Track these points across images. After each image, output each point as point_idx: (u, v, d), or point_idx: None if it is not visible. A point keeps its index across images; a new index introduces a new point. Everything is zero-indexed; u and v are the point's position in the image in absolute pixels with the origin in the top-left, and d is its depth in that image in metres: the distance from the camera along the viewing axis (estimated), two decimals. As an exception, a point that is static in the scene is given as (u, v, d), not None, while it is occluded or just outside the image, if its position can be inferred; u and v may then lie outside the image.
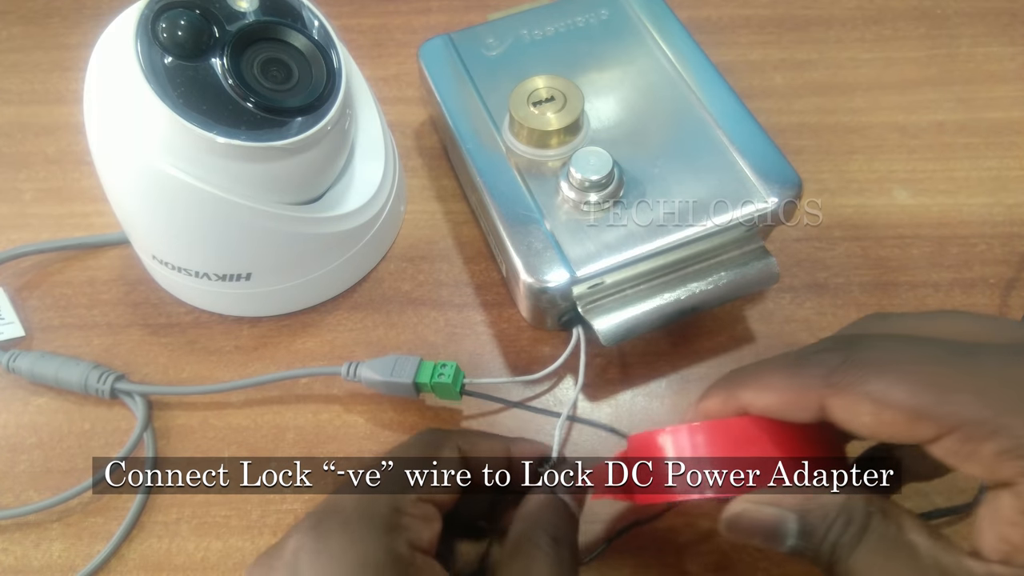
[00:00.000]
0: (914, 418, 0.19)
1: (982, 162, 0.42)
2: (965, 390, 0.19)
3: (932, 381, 0.19)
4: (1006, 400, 0.18)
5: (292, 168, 0.33)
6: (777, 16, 0.49)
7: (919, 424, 0.19)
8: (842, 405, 0.20)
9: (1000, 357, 0.19)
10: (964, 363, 0.19)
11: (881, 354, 0.20)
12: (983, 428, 0.18)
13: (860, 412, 0.20)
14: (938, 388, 0.19)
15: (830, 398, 0.20)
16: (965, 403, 0.18)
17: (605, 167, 0.34)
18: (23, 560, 0.33)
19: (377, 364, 0.34)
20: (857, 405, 0.20)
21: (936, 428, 0.19)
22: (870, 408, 0.20)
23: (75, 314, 0.39)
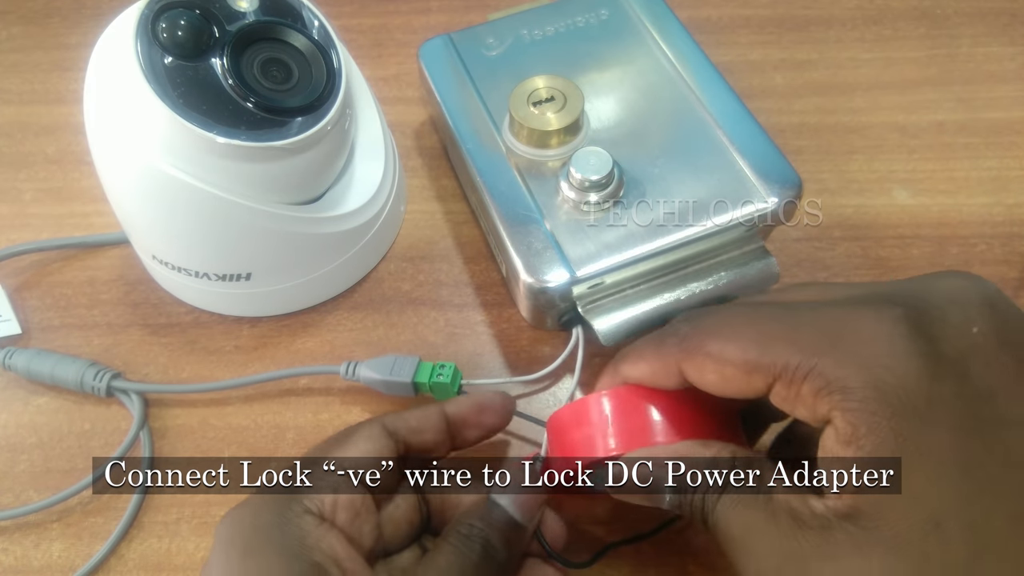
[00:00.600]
0: (747, 371, 0.21)
1: (982, 162, 0.42)
2: (783, 340, 0.21)
3: (757, 337, 0.21)
4: (816, 344, 0.20)
5: (292, 168, 0.33)
6: (777, 16, 0.49)
7: (752, 376, 0.21)
8: (692, 367, 0.22)
9: (813, 310, 0.21)
10: (785, 317, 0.21)
11: (719, 319, 0.23)
12: (799, 371, 0.20)
13: (706, 371, 0.22)
14: (762, 342, 0.21)
15: (683, 363, 0.23)
16: (782, 351, 0.20)
17: (605, 167, 0.34)
18: (23, 560, 0.33)
19: (376, 364, 0.34)
20: (703, 365, 0.22)
21: (764, 377, 0.21)
22: (712, 366, 0.22)
23: (75, 314, 0.39)
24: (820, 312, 0.21)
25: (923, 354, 0.19)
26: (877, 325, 0.20)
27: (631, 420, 0.25)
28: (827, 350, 0.20)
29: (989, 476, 0.18)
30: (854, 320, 0.20)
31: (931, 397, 0.18)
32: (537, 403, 0.36)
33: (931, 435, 0.18)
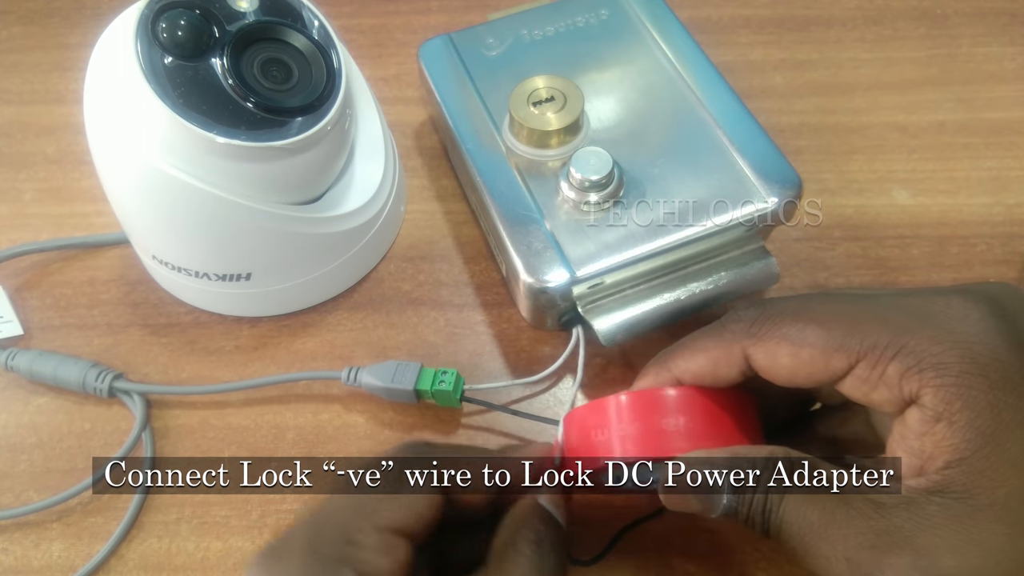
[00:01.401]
0: (828, 351, 0.21)
1: (982, 162, 0.42)
2: (869, 320, 0.20)
3: (840, 318, 0.21)
4: (904, 325, 0.20)
5: (292, 168, 0.33)
6: (777, 16, 0.49)
7: (833, 357, 0.21)
8: (763, 351, 0.22)
9: (895, 294, 0.21)
10: (866, 302, 0.21)
11: (793, 304, 0.22)
12: (888, 351, 0.20)
13: (780, 354, 0.22)
14: (846, 323, 0.21)
15: (752, 347, 0.22)
16: (870, 331, 0.20)
17: (605, 167, 0.34)
18: (23, 560, 0.33)
19: (377, 369, 0.34)
20: (777, 348, 0.22)
21: (847, 358, 0.20)
22: (788, 349, 0.21)
23: (75, 314, 0.39)
24: (903, 298, 0.21)
25: (1013, 332, 0.19)
26: (965, 307, 0.20)
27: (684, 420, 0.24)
28: (918, 329, 0.20)
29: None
30: (942, 303, 0.20)
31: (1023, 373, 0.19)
32: (538, 404, 0.36)
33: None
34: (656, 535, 0.31)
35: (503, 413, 0.35)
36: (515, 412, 0.35)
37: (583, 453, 0.26)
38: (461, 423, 0.35)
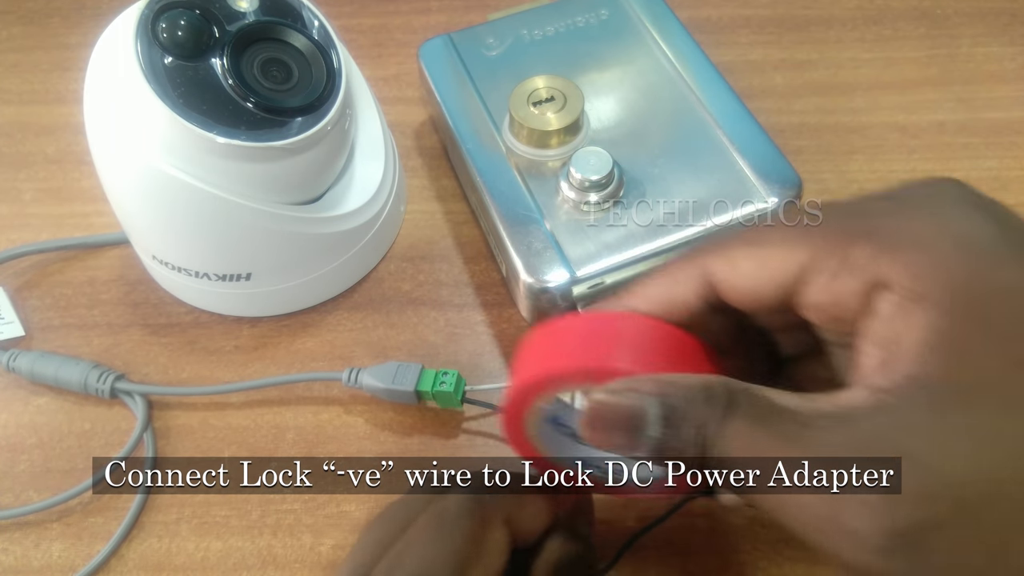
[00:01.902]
0: (789, 245, 0.19)
1: (982, 162, 0.42)
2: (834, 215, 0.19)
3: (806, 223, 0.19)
4: (871, 208, 0.18)
5: (292, 168, 0.33)
6: (777, 16, 0.49)
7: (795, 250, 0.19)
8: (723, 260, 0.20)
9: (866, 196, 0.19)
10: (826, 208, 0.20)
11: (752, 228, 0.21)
12: (855, 234, 0.18)
13: (739, 259, 0.20)
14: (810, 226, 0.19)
15: (712, 260, 0.20)
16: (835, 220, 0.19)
17: (605, 167, 0.34)
18: (23, 560, 0.33)
19: (378, 371, 0.34)
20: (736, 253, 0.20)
21: (810, 248, 0.18)
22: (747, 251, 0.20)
23: (75, 314, 0.39)
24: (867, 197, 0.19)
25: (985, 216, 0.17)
26: (931, 191, 0.18)
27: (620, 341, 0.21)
28: (891, 212, 0.18)
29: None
30: (904, 193, 0.18)
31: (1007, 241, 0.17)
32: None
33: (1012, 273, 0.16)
34: (655, 534, 0.31)
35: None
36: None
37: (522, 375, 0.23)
38: (462, 426, 0.35)
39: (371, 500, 0.33)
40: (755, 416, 0.17)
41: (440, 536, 0.22)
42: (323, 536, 0.32)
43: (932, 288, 0.16)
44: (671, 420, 0.18)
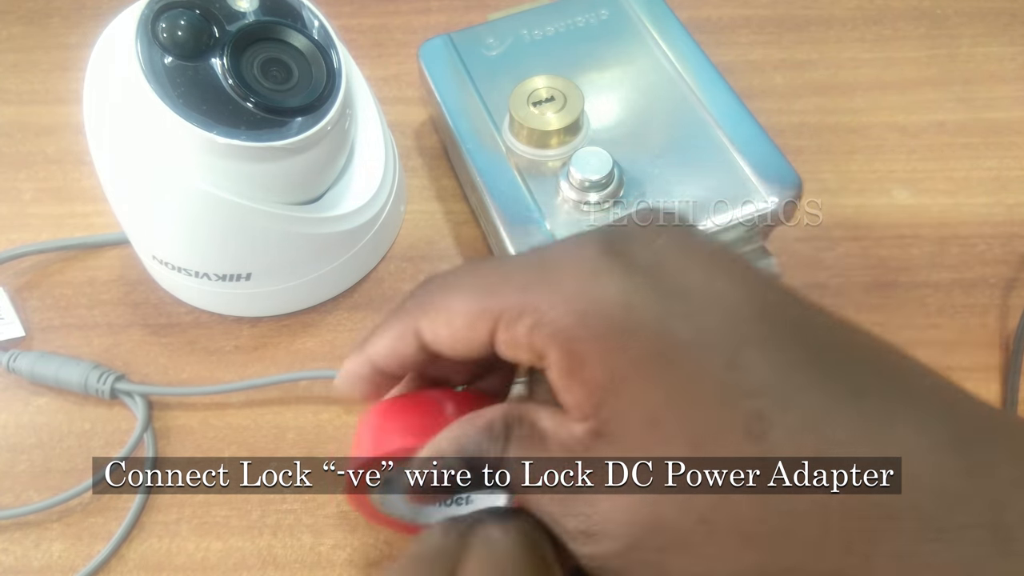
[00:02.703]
0: (472, 318, 0.21)
1: (982, 162, 0.42)
2: (501, 283, 0.20)
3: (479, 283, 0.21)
4: (527, 281, 0.20)
5: (292, 168, 0.33)
6: (777, 16, 0.49)
7: (478, 323, 0.20)
8: (427, 323, 0.22)
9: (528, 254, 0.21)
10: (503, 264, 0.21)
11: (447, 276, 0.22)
12: (514, 311, 0.20)
13: (438, 326, 0.21)
14: (482, 287, 0.21)
15: (419, 321, 0.22)
16: (504, 293, 0.20)
17: (605, 167, 0.34)
18: (23, 560, 0.33)
19: None
20: (436, 320, 0.21)
21: (488, 323, 0.20)
22: (444, 319, 0.21)
23: (75, 314, 0.39)
24: (532, 253, 0.21)
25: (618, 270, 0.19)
26: (577, 251, 0.20)
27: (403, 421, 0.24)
28: (536, 285, 0.20)
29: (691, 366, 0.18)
30: (557, 253, 0.20)
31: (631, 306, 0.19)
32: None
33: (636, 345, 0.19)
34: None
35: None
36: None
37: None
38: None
39: (371, 500, 0.33)
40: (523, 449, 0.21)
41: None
42: (323, 536, 0.32)
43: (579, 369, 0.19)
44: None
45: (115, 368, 0.37)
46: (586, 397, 0.19)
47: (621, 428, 0.19)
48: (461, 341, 0.21)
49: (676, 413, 0.18)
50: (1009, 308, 0.38)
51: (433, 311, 0.22)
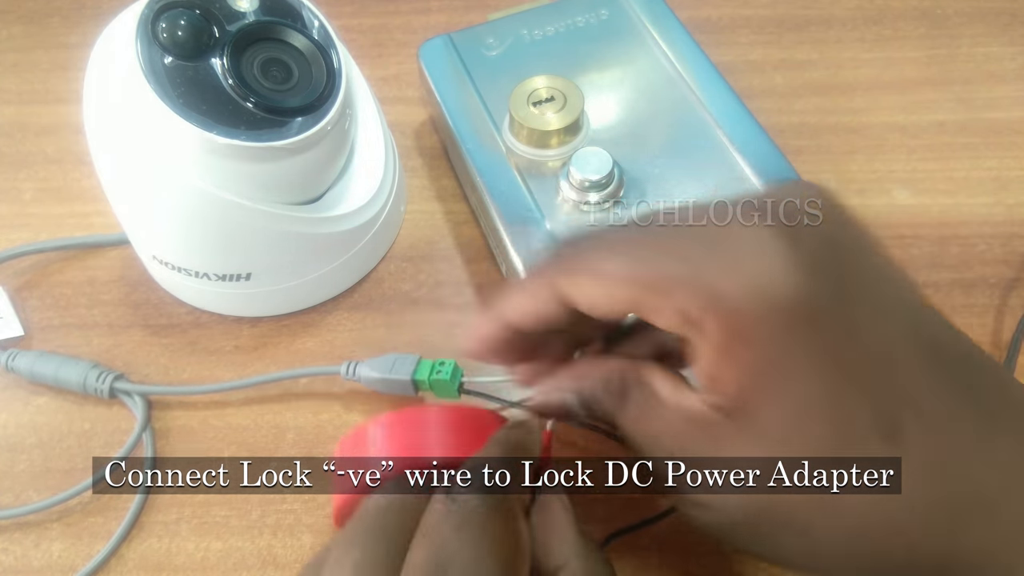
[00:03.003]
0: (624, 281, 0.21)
1: (982, 162, 0.42)
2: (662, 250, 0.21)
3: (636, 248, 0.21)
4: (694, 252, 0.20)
5: (292, 168, 0.33)
6: (777, 16, 0.49)
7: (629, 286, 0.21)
8: (573, 284, 0.22)
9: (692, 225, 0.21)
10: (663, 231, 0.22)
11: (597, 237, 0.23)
12: (675, 281, 0.20)
13: (586, 286, 0.22)
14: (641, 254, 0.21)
15: (562, 282, 0.22)
16: (662, 261, 0.21)
17: (605, 167, 0.34)
18: (23, 560, 0.33)
19: (376, 362, 0.34)
20: (583, 281, 0.22)
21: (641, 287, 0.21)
22: (591, 281, 0.22)
23: (75, 314, 0.39)
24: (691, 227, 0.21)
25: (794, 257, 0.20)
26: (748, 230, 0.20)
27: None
28: (704, 258, 0.20)
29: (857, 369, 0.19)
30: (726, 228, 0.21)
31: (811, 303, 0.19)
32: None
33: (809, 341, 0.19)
34: (658, 535, 0.31)
35: (503, 406, 0.35)
36: (515, 404, 0.34)
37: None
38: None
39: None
40: (639, 407, 0.22)
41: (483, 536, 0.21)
42: (323, 536, 0.32)
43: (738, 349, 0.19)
44: (589, 407, 0.24)
45: (115, 368, 0.37)
46: (735, 376, 0.19)
47: (766, 413, 0.19)
48: (608, 302, 0.21)
49: (828, 412, 0.19)
50: (1009, 308, 0.38)
51: (582, 273, 0.22)
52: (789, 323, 0.19)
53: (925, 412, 0.19)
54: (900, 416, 0.19)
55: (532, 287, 0.23)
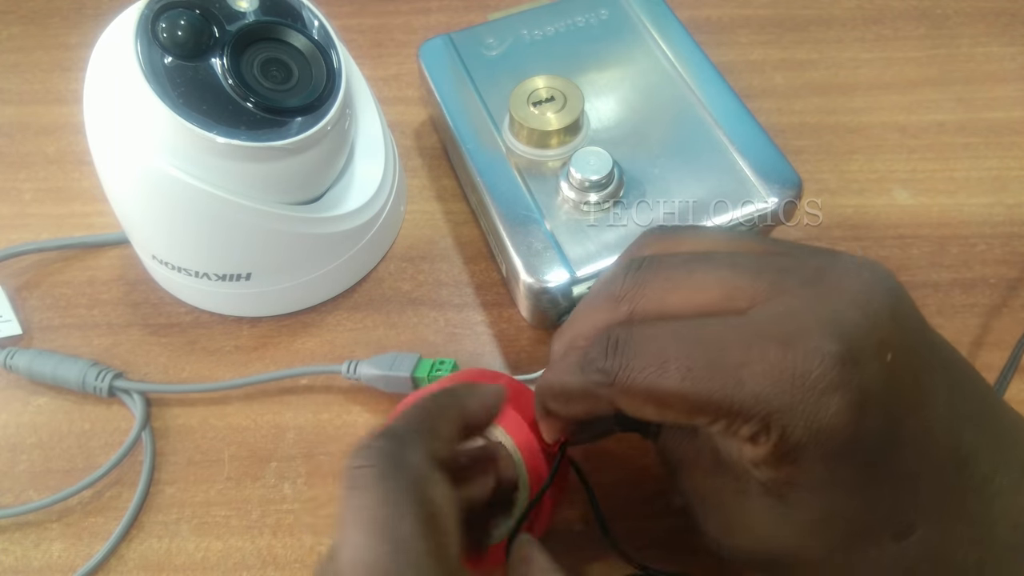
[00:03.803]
0: (690, 414, 0.21)
1: (982, 162, 0.42)
2: (727, 384, 0.20)
3: (696, 382, 0.20)
4: (755, 392, 0.20)
5: (292, 168, 0.33)
6: (777, 16, 0.49)
7: (694, 417, 0.21)
8: (630, 407, 0.22)
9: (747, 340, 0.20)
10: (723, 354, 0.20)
11: (649, 359, 0.21)
12: (742, 416, 0.20)
13: (646, 412, 0.21)
14: (704, 387, 0.20)
15: (619, 399, 0.22)
16: (728, 396, 0.20)
17: (605, 167, 0.34)
18: (23, 560, 0.33)
19: (376, 360, 0.35)
20: (643, 408, 0.21)
21: (707, 419, 0.21)
22: (653, 411, 0.21)
23: (75, 314, 0.39)
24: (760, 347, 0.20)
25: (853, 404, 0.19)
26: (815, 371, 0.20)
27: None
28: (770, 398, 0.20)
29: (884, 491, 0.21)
30: (792, 363, 0.20)
31: (854, 440, 0.20)
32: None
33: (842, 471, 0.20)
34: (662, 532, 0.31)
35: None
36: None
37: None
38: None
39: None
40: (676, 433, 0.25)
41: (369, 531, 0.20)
42: (323, 536, 0.32)
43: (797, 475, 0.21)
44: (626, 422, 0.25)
45: (114, 367, 0.36)
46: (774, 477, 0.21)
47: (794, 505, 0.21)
48: (668, 421, 0.22)
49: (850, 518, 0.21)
50: (1009, 308, 0.38)
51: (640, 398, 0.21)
52: (829, 458, 0.20)
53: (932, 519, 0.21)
54: (916, 522, 0.21)
55: (587, 402, 0.23)
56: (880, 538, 0.21)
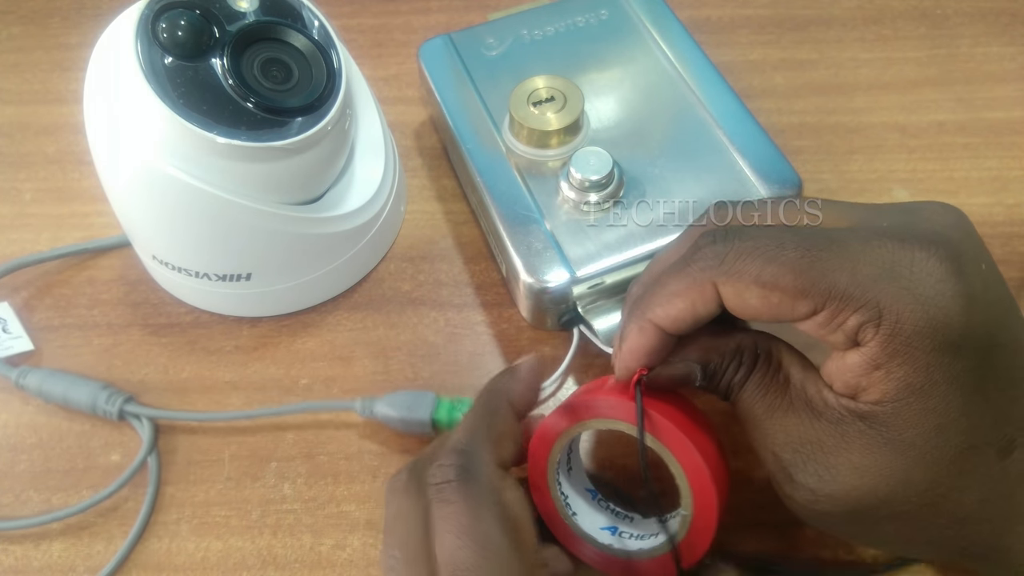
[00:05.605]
0: (796, 297, 0.22)
1: (982, 162, 0.42)
2: (838, 270, 0.21)
3: (811, 262, 0.22)
4: (870, 278, 0.21)
5: (292, 168, 0.33)
6: (777, 16, 0.49)
7: (800, 302, 0.22)
8: (734, 291, 0.23)
9: (865, 241, 0.22)
10: (835, 246, 0.22)
11: (763, 243, 0.23)
12: (852, 303, 0.21)
13: (749, 296, 0.23)
14: (816, 271, 0.21)
15: (723, 286, 0.23)
16: (838, 281, 0.21)
17: (605, 167, 0.34)
18: (23, 560, 0.33)
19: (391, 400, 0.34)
20: (747, 290, 0.22)
21: (813, 304, 0.22)
22: (758, 292, 0.22)
23: (75, 314, 0.39)
24: (872, 245, 0.22)
25: (963, 295, 0.21)
26: (929, 264, 0.21)
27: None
28: (882, 284, 0.21)
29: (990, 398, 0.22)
30: (908, 256, 0.21)
31: (964, 333, 0.21)
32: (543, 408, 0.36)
33: (956, 365, 0.21)
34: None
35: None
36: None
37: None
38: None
39: (371, 500, 0.33)
40: (763, 386, 0.24)
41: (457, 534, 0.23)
42: (323, 536, 0.32)
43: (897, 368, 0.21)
44: (711, 378, 0.25)
45: (115, 368, 0.36)
46: (882, 388, 0.21)
47: (903, 422, 0.21)
48: (769, 314, 0.23)
49: (960, 428, 0.21)
50: (1009, 308, 0.38)
51: (745, 281, 0.22)
52: (944, 350, 0.21)
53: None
54: (1016, 439, 0.22)
55: (690, 293, 0.24)
56: (986, 453, 0.22)
